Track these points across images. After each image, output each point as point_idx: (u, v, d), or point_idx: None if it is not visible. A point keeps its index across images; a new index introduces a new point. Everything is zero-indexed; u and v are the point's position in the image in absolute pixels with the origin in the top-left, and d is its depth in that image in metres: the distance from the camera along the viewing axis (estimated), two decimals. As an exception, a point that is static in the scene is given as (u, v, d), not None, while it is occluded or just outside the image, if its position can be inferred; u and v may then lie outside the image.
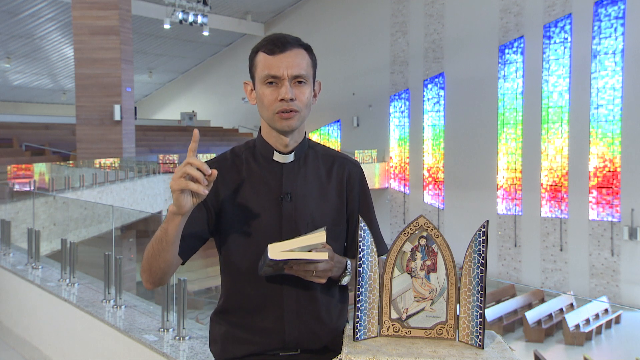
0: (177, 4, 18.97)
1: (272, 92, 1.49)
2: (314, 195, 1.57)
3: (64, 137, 17.88)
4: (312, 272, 1.42)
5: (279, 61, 1.48)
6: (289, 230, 1.52)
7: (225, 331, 1.57)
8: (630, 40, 15.60)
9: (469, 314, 1.39)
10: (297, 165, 1.59)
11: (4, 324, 5.15)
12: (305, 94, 1.51)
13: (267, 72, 1.49)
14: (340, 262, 1.52)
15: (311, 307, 1.54)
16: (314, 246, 1.39)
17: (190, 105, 28.25)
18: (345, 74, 21.68)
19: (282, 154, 1.57)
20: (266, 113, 1.52)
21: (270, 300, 1.53)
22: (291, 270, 1.42)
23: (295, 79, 1.49)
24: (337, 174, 1.62)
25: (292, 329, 1.53)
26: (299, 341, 1.54)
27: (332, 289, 1.59)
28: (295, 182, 1.56)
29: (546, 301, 14.00)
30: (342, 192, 1.61)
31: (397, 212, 20.52)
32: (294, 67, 1.48)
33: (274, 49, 1.49)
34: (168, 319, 3.21)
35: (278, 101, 1.48)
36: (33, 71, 24.38)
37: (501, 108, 18.02)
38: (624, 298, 15.61)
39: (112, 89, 14.31)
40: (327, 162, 1.63)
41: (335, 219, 1.58)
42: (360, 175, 1.66)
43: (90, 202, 10.20)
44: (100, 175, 12.20)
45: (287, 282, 1.50)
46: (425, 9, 19.69)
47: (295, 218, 1.53)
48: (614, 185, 15.97)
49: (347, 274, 1.54)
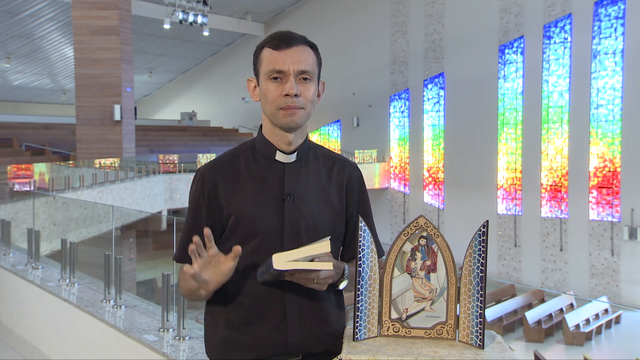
0: (177, 4, 18.97)
1: (276, 87, 1.48)
2: (315, 197, 1.55)
3: (64, 137, 17.87)
4: (313, 279, 1.40)
5: (284, 56, 1.47)
6: (290, 232, 1.50)
7: (226, 336, 1.54)
8: (630, 40, 15.60)
9: (469, 314, 1.39)
10: (299, 166, 1.56)
11: (4, 324, 5.15)
12: (310, 91, 1.50)
13: (272, 67, 1.47)
14: (339, 268, 1.50)
15: (313, 311, 1.53)
16: (318, 256, 1.38)
17: (190, 105, 28.25)
18: (345, 74, 21.67)
19: (285, 153, 1.55)
20: (270, 109, 1.50)
21: (272, 304, 1.51)
22: (292, 277, 1.41)
23: (300, 74, 1.48)
24: (337, 177, 1.60)
25: (295, 332, 1.51)
26: (302, 345, 1.52)
27: (331, 294, 1.57)
28: (298, 182, 1.54)
29: (546, 301, 14.00)
30: (342, 194, 1.60)
31: (397, 212, 20.52)
32: (300, 63, 1.47)
33: (280, 44, 1.48)
34: (168, 319, 3.21)
35: (282, 96, 1.47)
36: (33, 71, 24.37)
37: (501, 108, 18.02)
38: (624, 298, 15.60)
39: (112, 89, 14.31)
40: (328, 163, 1.61)
41: (334, 221, 1.57)
42: (359, 178, 1.64)
43: (90, 202, 10.19)
44: (100, 175, 12.20)
45: (288, 285, 1.48)
46: (425, 9, 19.69)
47: (297, 219, 1.51)
48: (614, 185, 15.97)
49: (344, 279, 1.52)
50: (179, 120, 26.45)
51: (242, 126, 25.45)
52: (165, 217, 13.57)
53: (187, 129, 24.22)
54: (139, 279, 12.95)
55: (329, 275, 1.42)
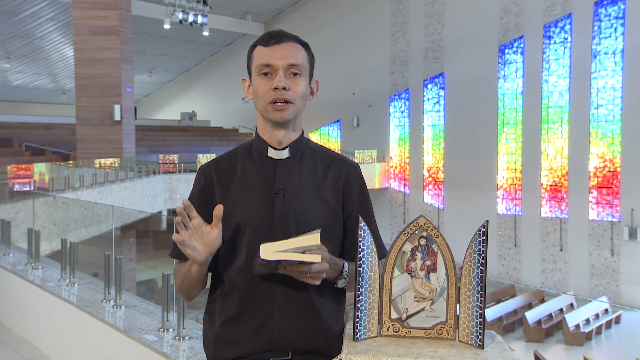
0: (177, 4, 18.97)
1: (266, 82, 1.50)
2: (307, 193, 1.54)
3: (64, 137, 17.88)
4: (306, 273, 1.39)
5: (273, 51, 1.50)
6: (280, 227, 1.50)
7: (216, 332, 1.55)
8: (630, 40, 15.60)
9: (469, 314, 1.39)
10: (292, 162, 1.57)
11: (4, 324, 5.15)
12: (300, 86, 1.51)
13: (262, 62, 1.50)
14: (337, 264, 1.49)
15: (302, 307, 1.51)
16: (308, 248, 1.37)
17: (190, 105, 28.26)
18: (345, 74, 21.68)
19: (277, 149, 1.56)
20: (261, 104, 1.52)
21: (259, 299, 1.51)
22: (285, 270, 1.40)
23: (290, 68, 1.49)
24: (334, 175, 1.59)
25: (282, 328, 1.50)
26: (289, 341, 1.50)
27: (326, 291, 1.55)
28: (290, 179, 1.55)
29: (546, 301, 14.00)
30: (339, 193, 1.58)
31: (397, 212, 20.52)
32: (289, 57, 1.49)
33: (270, 40, 1.51)
34: (168, 319, 3.21)
35: (272, 90, 1.49)
36: (33, 71, 24.37)
37: (501, 108, 18.02)
38: (624, 298, 15.61)
39: (112, 89, 14.31)
40: (325, 162, 1.60)
41: (329, 219, 1.55)
42: (359, 178, 1.62)
43: (90, 202, 10.20)
44: (100, 175, 12.20)
45: (277, 280, 1.47)
46: (425, 9, 19.69)
47: (288, 215, 1.51)
48: (614, 185, 15.97)
49: (343, 277, 1.51)
50: (179, 120, 26.46)
51: (242, 126, 25.46)
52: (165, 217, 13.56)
53: (187, 129, 24.23)
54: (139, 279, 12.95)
55: (321, 269, 1.40)
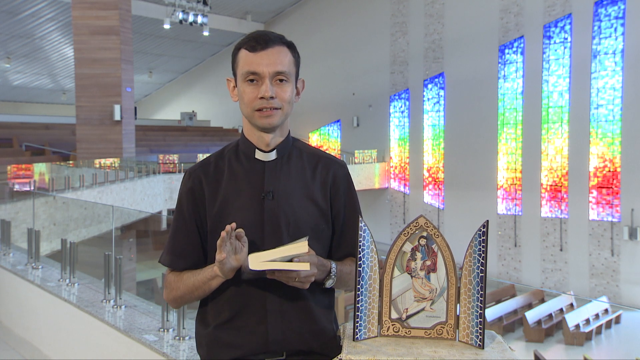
0: (177, 4, 18.97)
1: (252, 89, 1.49)
2: (297, 194, 1.54)
3: (64, 137, 17.88)
4: (294, 278, 1.40)
5: (259, 58, 1.47)
6: (270, 229, 1.50)
7: (210, 334, 1.55)
8: (630, 40, 15.60)
9: (469, 314, 1.39)
10: (280, 164, 1.57)
11: (4, 324, 5.15)
12: (287, 92, 1.50)
13: (248, 69, 1.48)
14: (325, 266, 1.49)
15: (295, 308, 1.52)
16: (296, 256, 1.37)
17: (190, 105, 28.25)
18: (345, 74, 21.67)
19: (264, 152, 1.56)
20: (246, 110, 1.52)
21: (253, 301, 1.51)
22: (273, 275, 1.41)
23: (276, 76, 1.48)
24: (321, 174, 1.59)
25: (276, 329, 1.50)
26: (284, 342, 1.51)
27: (318, 291, 1.56)
28: (278, 180, 1.54)
29: (546, 301, 13.99)
30: (327, 193, 1.58)
31: (397, 212, 20.52)
32: (275, 65, 1.47)
33: (256, 45, 1.48)
34: (168, 319, 3.21)
35: (258, 99, 1.48)
36: (33, 71, 24.37)
37: (501, 108, 18.02)
38: (624, 298, 15.60)
39: (112, 89, 14.31)
40: (312, 161, 1.60)
41: (318, 218, 1.55)
42: (346, 176, 1.62)
43: (90, 202, 10.19)
44: (100, 175, 12.20)
45: (270, 282, 1.47)
46: (425, 9, 19.69)
47: (278, 216, 1.51)
48: (614, 185, 15.97)
49: (331, 277, 1.52)
50: (179, 120, 26.46)
51: (241, 126, 25.42)
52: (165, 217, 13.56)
53: (187, 129, 24.23)
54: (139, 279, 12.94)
55: (309, 274, 1.41)
